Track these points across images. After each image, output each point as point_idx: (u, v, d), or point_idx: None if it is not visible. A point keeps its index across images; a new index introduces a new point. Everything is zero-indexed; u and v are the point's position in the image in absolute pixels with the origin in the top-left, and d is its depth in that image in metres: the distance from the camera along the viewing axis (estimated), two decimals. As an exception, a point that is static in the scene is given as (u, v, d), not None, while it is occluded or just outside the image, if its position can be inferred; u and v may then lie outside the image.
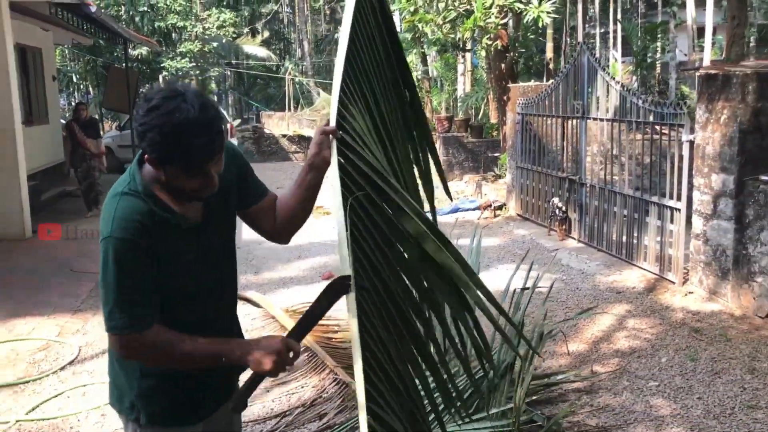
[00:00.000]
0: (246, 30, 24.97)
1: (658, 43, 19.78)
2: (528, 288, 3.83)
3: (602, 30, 30.62)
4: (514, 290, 3.86)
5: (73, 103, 31.70)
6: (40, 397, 4.27)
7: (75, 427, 3.88)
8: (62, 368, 4.71)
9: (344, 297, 1.63)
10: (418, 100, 2.30)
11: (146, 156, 1.75)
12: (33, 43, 13.03)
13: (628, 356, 4.65)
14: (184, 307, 1.88)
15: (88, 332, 5.35)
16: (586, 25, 20.19)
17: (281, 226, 2.05)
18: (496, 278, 5.80)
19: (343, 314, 4.39)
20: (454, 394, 3.37)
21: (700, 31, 17.62)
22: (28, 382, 4.48)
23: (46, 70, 14.25)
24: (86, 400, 4.20)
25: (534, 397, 3.88)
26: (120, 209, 1.75)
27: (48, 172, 12.56)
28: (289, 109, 21.20)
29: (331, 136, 1.82)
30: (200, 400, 1.96)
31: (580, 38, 19.40)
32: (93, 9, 9.27)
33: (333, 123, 1.83)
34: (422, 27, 10.17)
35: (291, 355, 1.75)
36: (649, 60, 19.80)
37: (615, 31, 23.96)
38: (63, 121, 16.15)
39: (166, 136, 1.65)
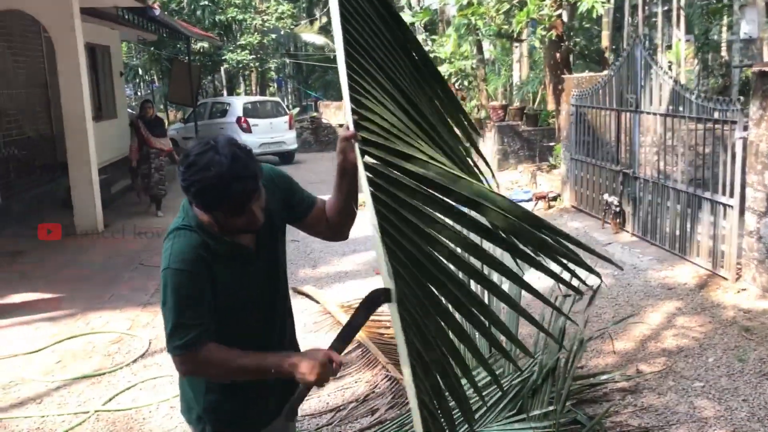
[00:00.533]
0: (303, 22, 25.30)
1: (725, 20, 19.16)
2: (570, 294, 3.94)
3: (665, 8, 29.80)
4: (556, 296, 3.99)
5: (139, 94, 32.79)
6: (115, 388, 4.62)
7: (147, 418, 4.21)
8: (134, 361, 5.06)
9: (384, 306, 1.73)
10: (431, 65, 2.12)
11: (193, 204, 1.98)
12: (101, 41, 13.62)
13: (675, 355, 4.71)
14: (241, 326, 2.09)
15: (157, 326, 5.69)
16: (646, 7, 19.72)
17: (334, 228, 2.22)
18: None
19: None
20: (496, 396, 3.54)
21: (770, 7, 16.97)
22: (104, 374, 4.85)
23: (114, 66, 14.88)
24: (157, 392, 4.53)
25: (578, 397, 4.02)
26: (176, 243, 1.97)
27: (117, 165, 13.16)
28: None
29: (352, 140, 1.81)
30: (261, 411, 2.19)
31: (640, 17, 18.96)
32: (157, 12, 9.67)
33: (351, 126, 1.79)
34: (475, 20, 10.22)
35: (333, 366, 1.91)
36: (715, 39, 19.22)
37: (679, 9, 23.25)
38: (130, 111, 16.88)
39: (205, 189, 1.86)
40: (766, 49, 14.94)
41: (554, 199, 9.90)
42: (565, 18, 11.41)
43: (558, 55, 11.13)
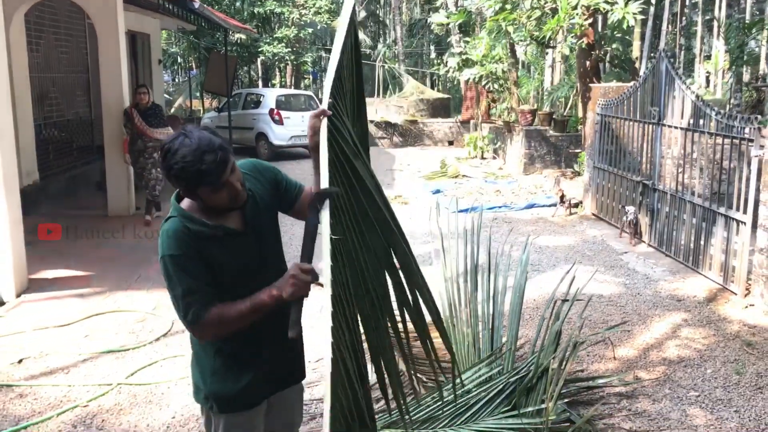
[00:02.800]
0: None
1: (765, 33, 18.93)
2: (567, 300, 4.10)
3: (706, 17, 29.48)
4: (555, 302, 4.16)
5: (177, 80, 33.31)
6: (137, 364, 4.89)
7: (165, 393, 4.47)
8: (157, 339, 5.34)
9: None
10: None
11: (181, 194, 2.25)
12: (142, 29, 14.02)
13: (675, 365, 4.84)
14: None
15: (180, 308, 5.96)
16: (684, 17, 19.61)
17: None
18: (557, 280, 5.68)
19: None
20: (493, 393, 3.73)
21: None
22: (128, 350, 5.13)
23: (153, 53, 15.28)
24: (176, 370, 4.79)
25: (574, 398, 4.19)
26: (165, 233, 2.24)
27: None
28: (378, 95, 21.68)
29: (321, 116, 2.10)
30: (263, 386, 2.42)
31: (678, 26, 18.86)
32: (197, 5, 9.94)
33: (324, 105, 2.11)
34: (506, 26, 10.35)
35: (306, 274, 2.10)
36: (756, 51, 19.02)
37: (719, 20, 23.00)
38: (167, 97, 17.26)
39: (184, 169, 2.10)
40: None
41: (576, 205, 10.00)
42: (599, 26, 11.48)
43: (588, 63, 11.21)
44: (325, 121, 2.08)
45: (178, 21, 14.92)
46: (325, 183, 1.97)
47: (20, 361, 4.91)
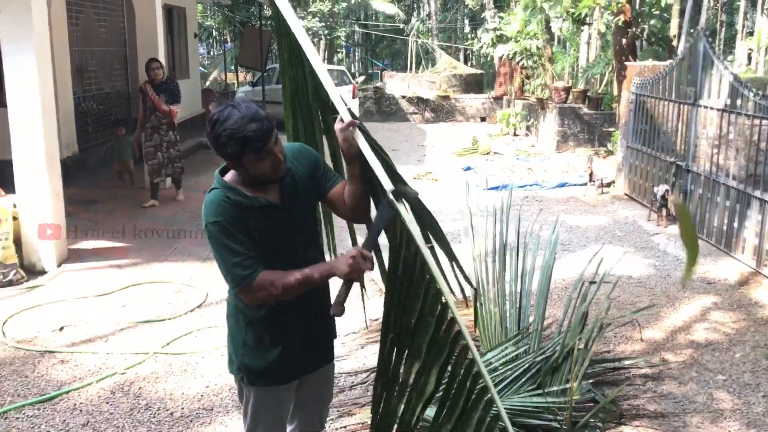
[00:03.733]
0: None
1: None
2: (595, 282, 4.12)
3: (752, -8, 28.65)
4: (583, 283, 4.18)
5: (212, 54, 33.48)
6: (172, 334, 5.04)
7: (200, 362, 4.61)
8: (192, 310, 5.49)
9: None
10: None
11: (227, 164, 2.33)
12: (178, 3, 14.14)
13: (703, 348, 4.84)
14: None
15: (216, 280, 6.10)
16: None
17: (351, 211, 2.47)
18: (586, 260, 5.78)
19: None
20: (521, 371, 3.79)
21: None
22: (164, 320, 5.29)
23: (189, 27, 15.40)
24: (210, 340, 4.93)
25: (600, 378, 4.23)
26: (207, 203, 2.33)
27: (187, 125, 13.70)
28: (411, 70, 21.58)
29: (351, 128, 2.28)
30: (291, 365, 2.50)
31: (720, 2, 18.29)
32: (232, -20, 9.95)
33: (346, 116, 2.28)
34: (540, 2, 10.21)
35: (366, 261, 2.20)
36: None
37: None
38: (202, 69, 17.40)
39: (230, 136, 2.20)
40: None
41: (608, 185, 9.93)
42: (637, 3, 11.26)
43: (624, 40, 11.04)
44: (358, 132, 2.25)
45: (213, -5, 15.01)
46: (388, 188, 2.17)
47: (61, 329, 5.10)
